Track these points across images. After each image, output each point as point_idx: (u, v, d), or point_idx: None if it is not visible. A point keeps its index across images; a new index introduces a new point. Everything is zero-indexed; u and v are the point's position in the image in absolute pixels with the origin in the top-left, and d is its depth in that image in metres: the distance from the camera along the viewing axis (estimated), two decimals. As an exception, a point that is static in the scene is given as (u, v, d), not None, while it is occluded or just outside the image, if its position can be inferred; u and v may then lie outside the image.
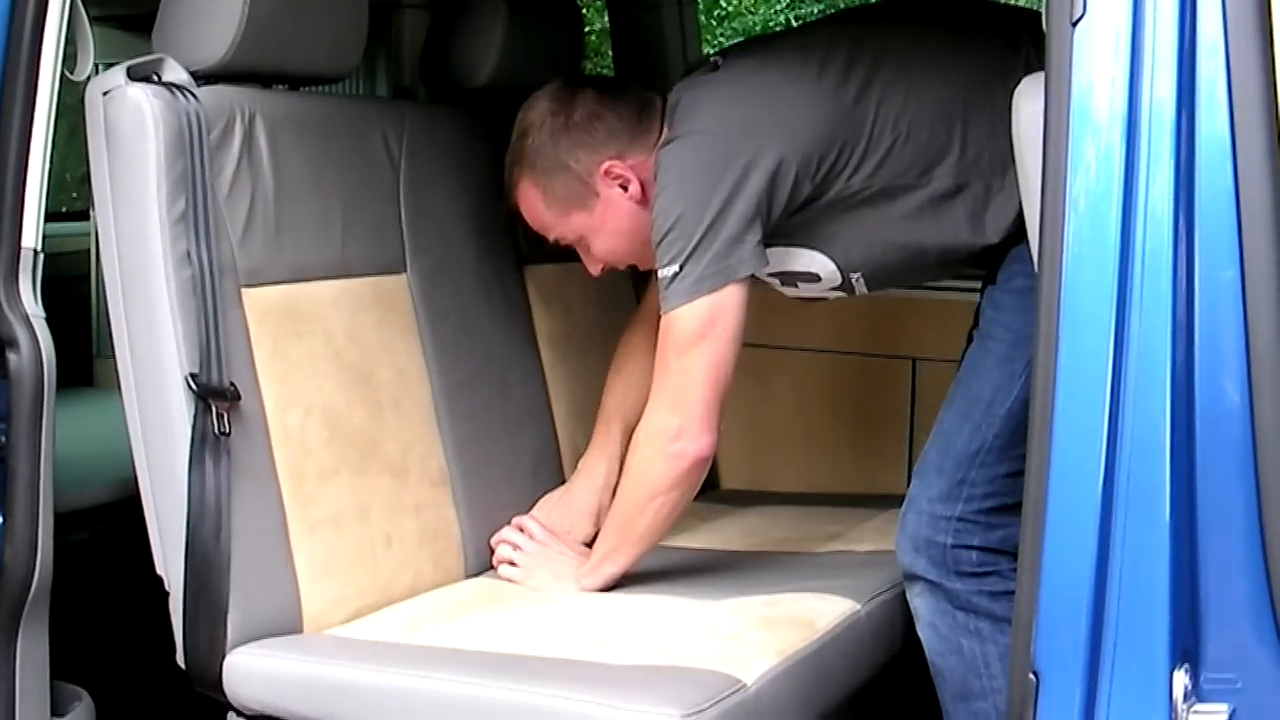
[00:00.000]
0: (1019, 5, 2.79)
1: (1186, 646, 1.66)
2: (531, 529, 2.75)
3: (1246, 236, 1.64)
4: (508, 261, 2.99)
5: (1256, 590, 1.65)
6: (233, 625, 2.32)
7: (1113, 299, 1.65)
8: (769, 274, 2.61)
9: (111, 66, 2.36)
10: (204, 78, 2.43)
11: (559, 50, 3.07)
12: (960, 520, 2.44)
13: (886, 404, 3.43)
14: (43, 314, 2.23)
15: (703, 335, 2.46)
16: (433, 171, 2.83)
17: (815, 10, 10.98)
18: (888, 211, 2.55)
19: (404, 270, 2.74)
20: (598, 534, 2.72)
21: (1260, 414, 1.63)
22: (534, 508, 2.84)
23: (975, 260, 2.60)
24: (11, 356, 2.19)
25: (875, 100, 2.51)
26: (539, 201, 2.70)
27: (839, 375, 3.50)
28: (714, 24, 10.99)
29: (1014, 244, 2.46)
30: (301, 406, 2.46)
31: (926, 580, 2.47)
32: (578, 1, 3.28)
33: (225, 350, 2.33)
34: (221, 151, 2.41)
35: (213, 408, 2.31)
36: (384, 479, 2.58)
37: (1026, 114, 1.91)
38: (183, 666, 2.35)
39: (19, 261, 2.22)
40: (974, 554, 2.44)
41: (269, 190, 2.48)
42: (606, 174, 2.63)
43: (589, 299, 3.16)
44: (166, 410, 2.33)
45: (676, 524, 2.66)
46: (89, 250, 4.04)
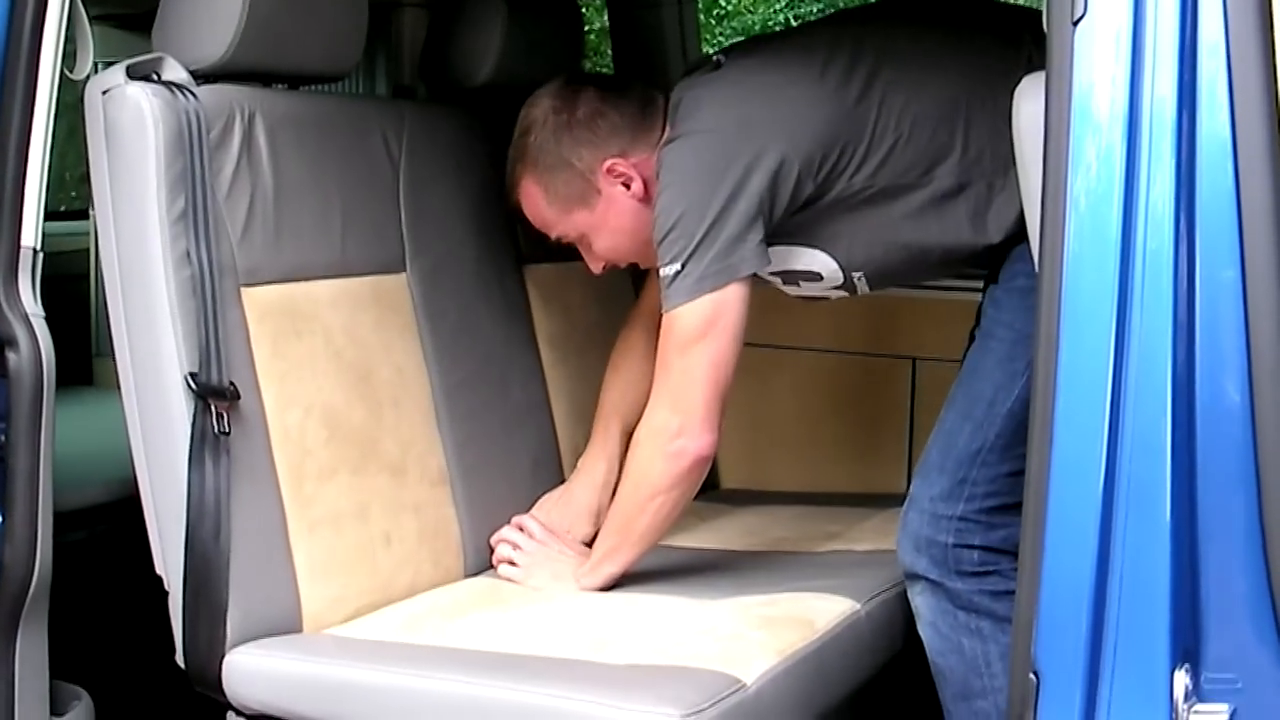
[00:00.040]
0: (1021, 4, 2.79)
1: (1187, 646, 1.66)
2: (531, 528, 2.75)
3: (1247, 236, 1.64)
4: (507, 261, 2.99)
5: (1257, 590, 1.65)
6: (232, 625, 2.32)
7: (1113, 298, 1.65)
8: (771, 273, 2.61)
9: (111, 65, 2.36)
10: (203, 77, 2.42)
11: (559, 49, 3.07)
12: (962, 519, 2.43)
13: (886, 404, 3.42)
14: (42, 313, 2.23)
15: (704, 334, 2.46)
16: (432, 171, 2.83)
17: (814, 9, 10.99)
18: (890, 210, 2.55)
19: (403, 269, 2.74)
20: (597, 533, 2.72)
21: (1261, 414, 1.63)
22: (533, 507, 2.84)
23: (977, 259, 2.59)
24: (11, 356, 2.19)
25: (877, 100, 2.51)
26: (541, 199, 2.70)
27: (838, 375, 3.50)
28: (713, 23, 10.99)
29: (1016, 243, 2.46)
30: (301, 406, 2.45)
31: (928, 579, 2.47)
32: (577, 0, 3.27)
33: (225, 350, 2.33)
34: (221, 150, 2.41)
35: (212, 407, 2.31)
36: (383, 478, 2.58)
37: (1027, 113, 1.91)
38: (182, 666, 2.35)
39: (18, 260, 2.22)
40: (975, 553, 2.43)
41: (268, 189, 2.47)
42: (609, 172, 2.63)
43: (589, 298, 3.16)
44: (166, 410, 2.33)
45: (676, 523, 2.66)
46: (88, 249, 4.05)
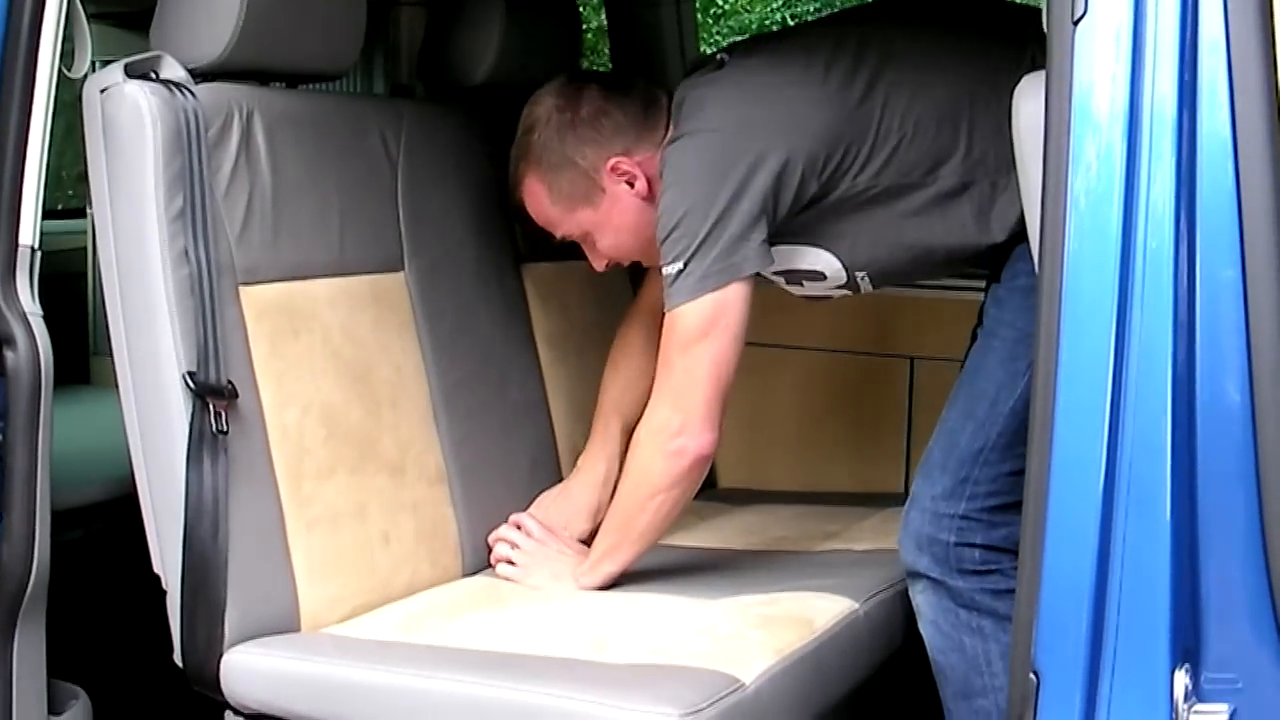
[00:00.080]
0: (1024, 3, 2.78)
1: (1187, 646, 1.66)
2: (529, 527, 2.75)
3: (1248, 235, 1.63)
4: (506, 260, 2.99)
5: (1257, 590, 1.65)
6: (230, 624, 2.32)
7: (1114, 298, 1.65)
8: (774, 272, 2.61)
9: (109, 64, 2.36)
10: (201, 75, 2.42)
11: (557, 48, 3.07)
12: (963, 518, 2.43)
13: (884, 403, 3.42)
14: (40, 312, 2.22)
15: (706, 333, 2.45)
16: (430, 170, 2.82)
17: (812, 8, 10.99)
18: (893, 210, 2.54)
19: (402, 268, 2.73)
20: (595, 531, 2.72)
21: (1261, 413, 1.63)
22: (531, 505, 2.84)
23: (980, 258, 2.59)
24: (9, 354, 2.19)
25: (881, 99, 2.51)
26: (544, 197, 2.69)
27: (837, 374, 3.50)
28: (710, 22, 10.99)
29: (1019, 242, 2.45)
30: (299, 405, 2.45)
31: (929, 578, 2.47)
32: (575, -1, 3.28)
33: (223, 348, 2.33)
34: (219, 149, 2.41)
35: (210, 406, 2.30)
36: (381, 477, 2.58)
37: (1027, 112, 1.91)
38: (180, 665, 2.35)
39: (16, 259, 2.21)
40: (977, 552, 2.43)
41: (266, 188, 2.47)
42: (613, 170, 2.63)
43: (587, 297, 3.16)
44: (164, 408, 2.32)
45: (675, 522, 2.66)
46: (85, 248, 4.04)
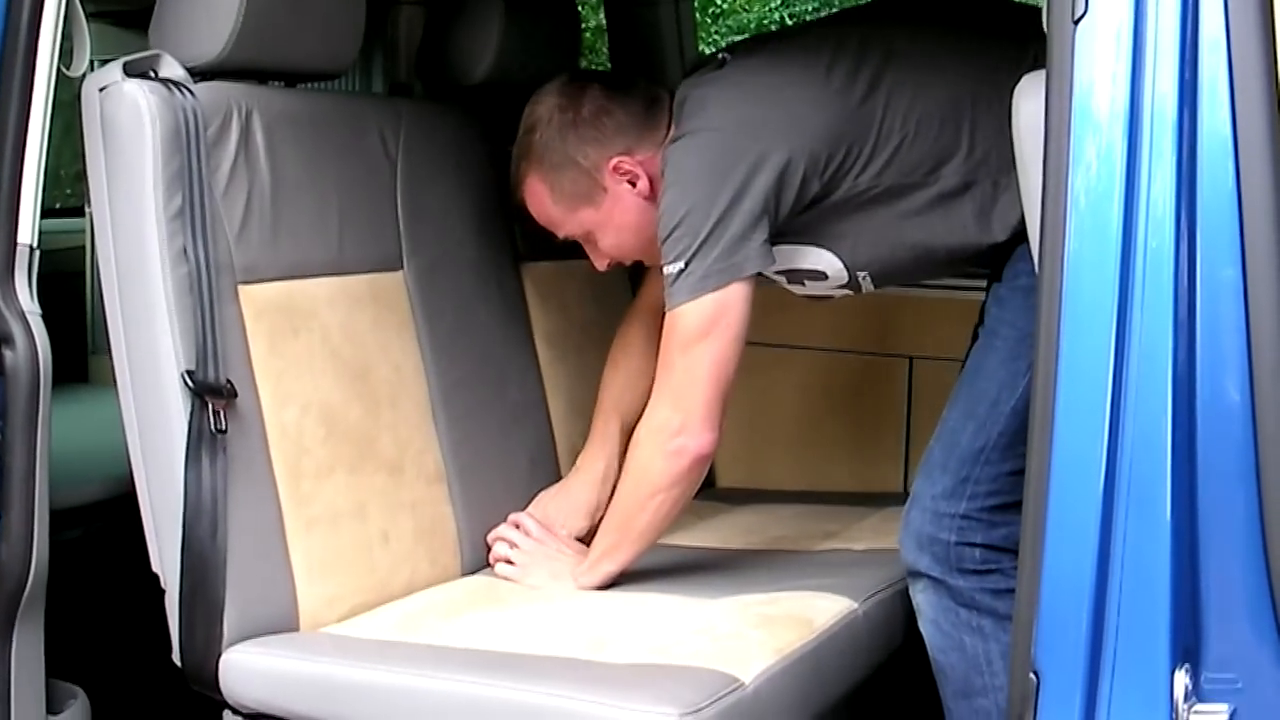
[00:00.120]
0: (1025, 2, 2.78)
1: (1187, 646, 1.66)
2: (528, 526, 2.74)
3: (1248, 234, 1.63)
4: (505, 258, 2.99)
5: (1257, 590, 1.65)
6: (229, 623, 2.31)
7: (1114, 297, 1.65)
8: (776, 271, 2.61)
9: (107, 62, 2.35)
10: (200, 74, 2.42)
11: (556, 47, 3.07)
12: (964, 517, 2.43)
13: (883, 402, 3.42)
14: (39, 311, 2.22)
15: (707, 332, 2.45)
16: (429, 168, 2.82)
17: (809, 7, 10.98)
18: (895, 209, 2.54)
19: (400, 267, 2.73)
20: (593, 530, 2.72)
21: (1261, 413, 1.63)
22: (530, 503, 2.83)
23: (981, 258, 2.59)
24: (7, 353, 2.18)
25: (883, 99, 2.51)
26: (546, 197, 2.69)
27: (836, 373, 3.49)
28: (708, 21, 10.98)
29: (1020, 241, 2.45)
30: (298, 404, 2.45)
31: (930, 577, 2.46)
32: (574, -2, 3.27)
33: (222, 347, 2.32)
34: (218, 148, 2.41)
35: (209, 405, 2.30)
36: (380, 476, 2.58)
37: (1027, 112, 1.90)
38: (178, 664, 2.35)
39: (15, 258, 2.21)
40: (977, 551, 2.43)
41: (265, 187, 2.47)
42: (615, 170, 2.62)
43: (586, 296, 3.16)
44: (163, 407, 2.32)
45: (674, 522, 2.66)
46: (84, 247, 4.04)
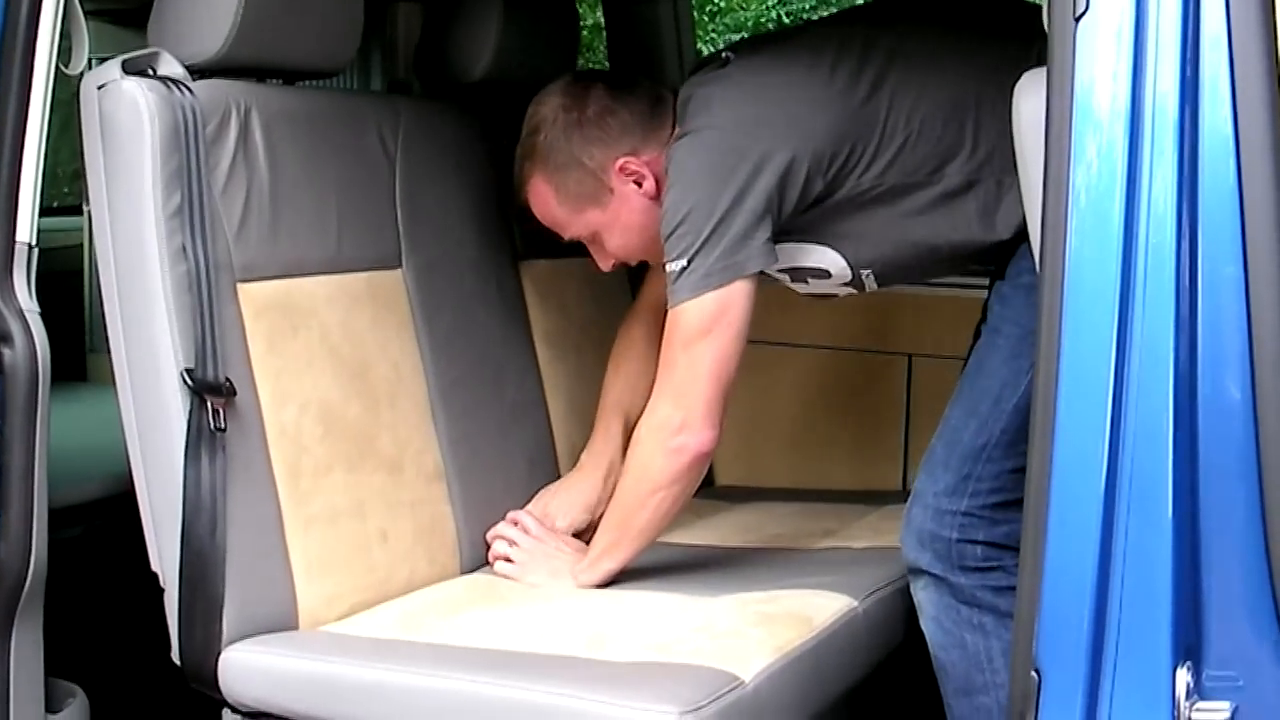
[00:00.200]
0: (1031, 1, 2.78)
1: (1189, 644, 1.66)
2: (527, 524, 2.74)
3: (1250, 232, 1.63)
4: (504, 257, 2.99)
5: (1259, 588, 1.65)
6: (228, 622, 2.31)
7: (1115, 295, 1.65)
8: (779, 270, 2.61)
9: (106, 60, 2.35)
10: (199, 71, 2.42)
11: (554, 45, 3.07)
12: (965, 515, 2.43)
13: (882, 400, 3.42)
14: (38, 309, 2.21)
15: (708, 330, 2.45)
16: (428, 166, 2.82)
17: (806, 5, 10.97)
18: (899, 208, 2.54)
19: (399, 265, 2.73)
20: (593, 525, 2.72)
21: (1263, 410, 1.63)
22: (531, 499, 2.83)
23: (985, 256, 2.59)
24: (6, 352, 2.18)
25: (887, 99, 2.51)
26: (552, 198, 2.69)
27: (835, 371, 3.49)
28: (706, 19, 10.97)
29: (1024, 239, 2.45)
30: (297, 402, 2.45)
31: (931, 574, 2.46)
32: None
33: (220, 345, 2.32)
34: (217, 146, 2.40)
35: (208, 403, 2.30)
36: (379, 475, 2.58)
37: (1027, 110, 1.90)
38: (178, 663, 2.35)
39: (13, 256, 2.21)
40: (979, 549, 2.43)
41: (264, 185, 2.46)
42: (621, 170, 2.62)
43: (585, 295, 3.16)
44: (162, 406, 2.32)
45: (674, 520, 2.65)
46: (81, 245, 4.03)
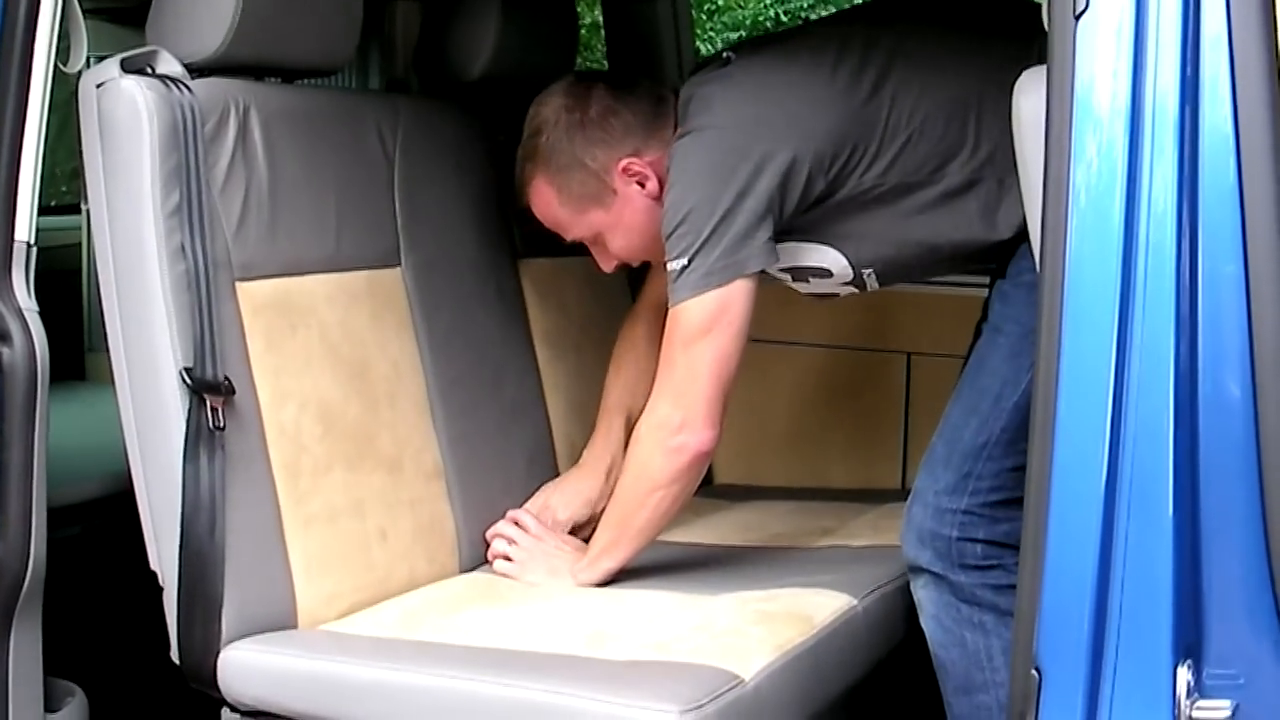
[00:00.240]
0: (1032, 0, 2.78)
1: (1189, 642, 1.66)
2: (526, 523, 2.74)
3: (1250, 231, 1.63)
4: (503, 256, 2.98)
5: (1259, 586, 1.65)
6: (227, 621, 2.31)
7: (1115, 294, 1.65)
8: (781, 269, 2.60)
9: (104, 59, 2.35)
10: (198, 70, 2.41)
11: (553, 43, 3.07)
12: (966, 513, 2.43)
13: (881, 399, 3.42)
14: (36, 308, 2.21)
15: (709, 329, 2.45)
16: (427, 165, 2.82)
17: (805, 4, 10.97)
18: (900, 207, 2.54)
19: (398, 264, 2.73)
20: (594, 519, 2.72)
21: (1263, 409, 1.63)
22: (531, 495, 2.83)
23: (986, 255, 2.59)
24: (5, 351, 2.18)
25: (888, 98, 2.51)
26: (554, 200, 2.68)
27: (834, 370, 3.49)
28: (704, 18, 10.97)
29: (1025, 238, 2.45)
30: (296, 401, 2.45)
31: (931, 573, 2.46)
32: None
33: (219, 344, 2.32)
34: (216, 144, 2.40)
35: (207, 402, 2.30)
36: (379, 474, 2.57)
37: (1027, 108, 1.91)
38: (177, 662, 2.34)
39: (12, 255, 2.21)
40: (979, 547, 2.43)
41: (263, 183, 2.46)
42: (624, 171, 2.62)
43: (584, 294, 3.15)
44: (161, 405, 2.32)
45: (673, 519, 2.65)
46: (80, 244, 4.03)
